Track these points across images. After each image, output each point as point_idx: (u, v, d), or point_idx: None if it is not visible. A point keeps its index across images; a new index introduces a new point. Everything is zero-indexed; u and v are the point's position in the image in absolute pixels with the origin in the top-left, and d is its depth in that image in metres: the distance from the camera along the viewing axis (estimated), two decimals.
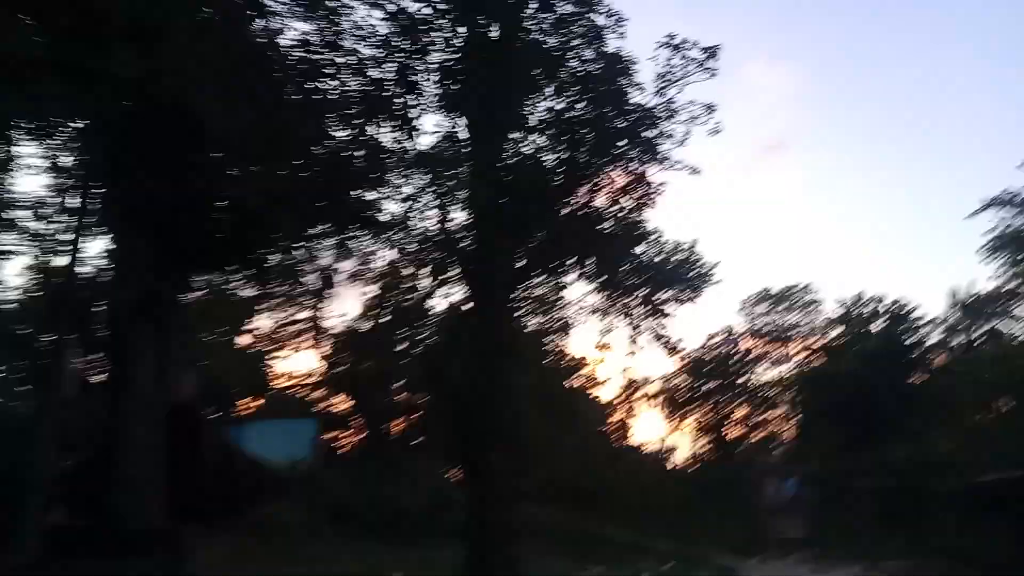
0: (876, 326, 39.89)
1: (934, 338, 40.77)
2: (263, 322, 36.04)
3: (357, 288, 36.07)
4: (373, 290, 36.17)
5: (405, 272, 34.38)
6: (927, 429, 32.86)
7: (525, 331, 24.36)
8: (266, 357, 37.52)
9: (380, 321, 36.48)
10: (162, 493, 8.45)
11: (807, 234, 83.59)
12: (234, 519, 11.04)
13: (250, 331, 35.63)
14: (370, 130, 13.28)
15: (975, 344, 39.85)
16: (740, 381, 49.74)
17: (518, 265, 15.35)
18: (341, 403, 38.85)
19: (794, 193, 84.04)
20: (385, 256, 25.16)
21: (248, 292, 28.65)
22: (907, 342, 38.47)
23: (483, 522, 14.20)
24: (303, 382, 39.01)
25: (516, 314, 17.48)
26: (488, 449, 14.28)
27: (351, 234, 14.71)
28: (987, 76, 77.82)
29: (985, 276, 67.46)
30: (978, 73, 78.41)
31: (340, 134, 12.53)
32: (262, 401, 36.96)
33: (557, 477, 33.67)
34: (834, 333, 44.63)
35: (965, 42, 76.62)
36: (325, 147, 11.59)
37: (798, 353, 49.81)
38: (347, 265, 29.89)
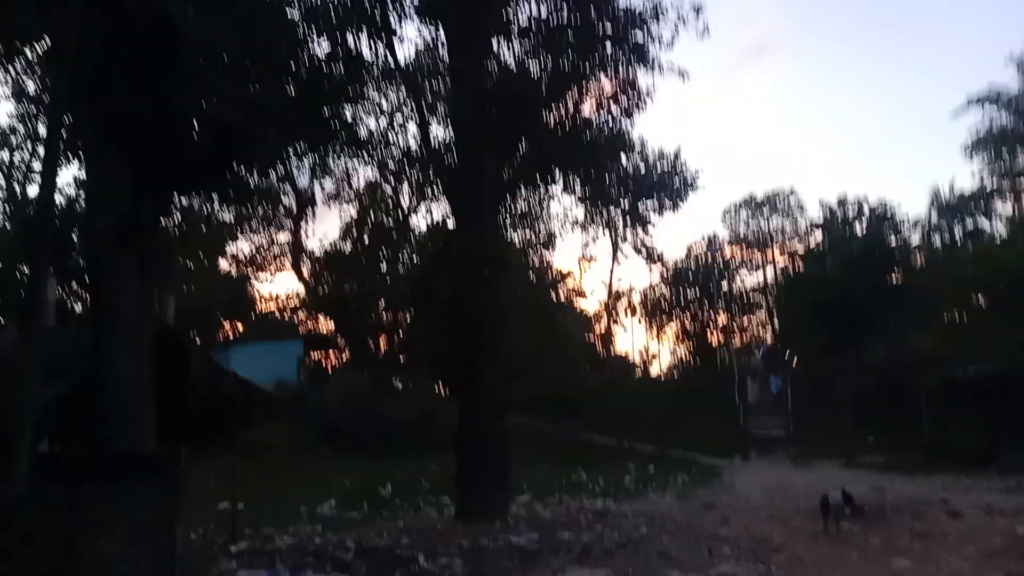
0: (859, 228, 40.08)
1: (916, 238, 41.17)
2: (243, 245, 35.74)
3: (337, 208, 35.78)
4: (353, 210, 35.88)
5: (386, 190, 33.99)
6: (907, 328, 33.46)
7: (510, 245, 24.22)
8: (248, 280, 37.31)
9: (362, 241, 36.20)
10: (151, 418, 8.33)
11: (791, 138, 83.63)
12: (225, 441, 11.04)
13: (231, 255, 35.32)
14: (350, 40, 12.71)
15: (956, 243, 40.26)
16: (722, 288, 50.18)
17: (504, 178, 15.04)
18: (326, 324, 38.95)
19: (778, 96, 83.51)
20: (365, 175, 24.74)
21: (227, 215, 28.29)
22: (889, 243, 38.69)
23: (473, 432, 14.37)
24: (287, 304, 38.97)
25: (501, 228, 17.25)
26: (478, 362, 14.33)
27: (330, 152, 14.24)
28: None
29: (967, 174, 67.80)
30: None
31: (319, 45, 12.01)
32: (246, 324, 36.93)
33: (543, 387, 34.18)
34: (817, 236, 44.87)
35: None
36: (304, 58, 11.06)
37: (781, 257, 50.25)
38: (326, 185, 29.42)
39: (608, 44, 14.71)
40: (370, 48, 13.51)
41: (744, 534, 12.02)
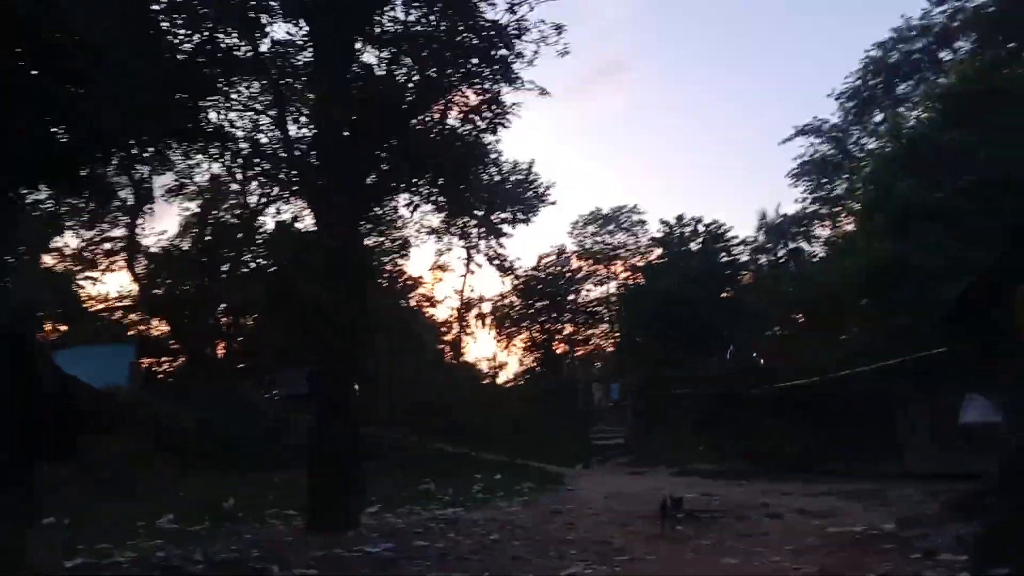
0: (694, 246, 42.45)
1: (745, 256, 44.18)
2: (71, 240, 33.06)
3: (176, 204, 33.78)
4: (195, 206, 34.05)
5: (232, 187, 32.54)
6: (737, 341, 35.90)
7: (368, 250, 23.90)
8: (76, 278, 34.50)
9: (202, 240, 34.41)
10: None
11: (638, 154, 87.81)
12: (68, 450, 10.23)
13: (57, 249, 32.53)
14: (215, 35, 12.14)
15: (780, 262, 43.55)
16: (568, 299, 51.75)
17: (368, 183, 14.88)
18: (160, 326, 36.68)
19: (628, 114, 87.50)
20: (210, 170, 23.57)
21: (49, 207, 25.98)
22: (722, 260, 41.34)
23: (329, 441, 14.07)
24: (118, 304, 36.34)
25: (362, 234, 17.03)
26: (337, 371, 14.07)
27: (190, 147, 13.54)
28: (809, 10, 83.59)
29: (791, 199, 73.60)
30: (801, 5, 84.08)
31: (183, 38, 11.39)
32: (72, 325, 34.10)
33: (395, 396, 33.93)
34: (656, 252, 47.14)
35: None
36: (166, 50, 10.49)
37: (623, 271, 52.43)
38: (166, 178, 27.73)
39: (474, 57, 14.94)
40: (235, 45, 12.99)
41: (589, 538, 12.54)
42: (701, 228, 42.50)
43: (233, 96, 14.37)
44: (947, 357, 18.72)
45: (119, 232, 33.06)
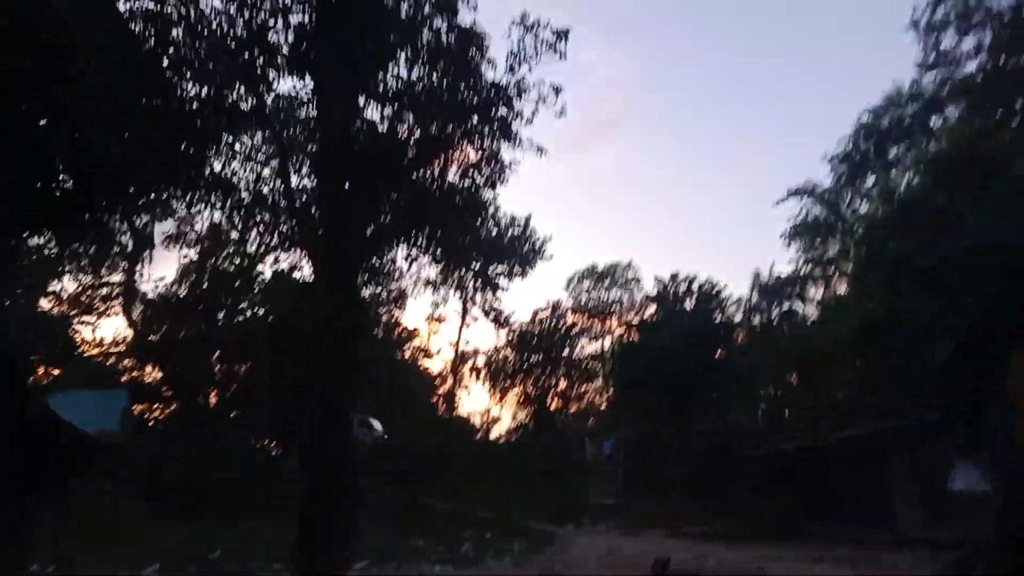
0: (688, 304, 42.55)
1: (739, 316, 44.28)
2: (68, 284, 33.14)
3: (176, 250, 34.01)
4: (194, 253, 34.27)
5: (231, 235, 32.77)
6: (730, 401, 35.82)
7: (364, 301, 24.02)
8: (71, 322, 34.45)
9: (200, 287, 34.51)
10: None
11: (632, 212, 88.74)
12: (56, 491, 10.18)
13: (52, 293, 32.54)
14: (225, 90, 12.47)
15: (773, 323, 43.65)
16: (563, 354, 51.74)
17: (368, 236, 15.08)
18: (153, 373, 36.52)
19: (624, 171, 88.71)
20: (210, 218, 23.81)
21: (49, 250, 26.11)
22: (715, 319, 41.42)
23: (319, 493, 13.97)
24: (112, 350, 36.21)
25: (360, 285, 17.18)
26: (329, 423, 14.04)
27: (195, 196, 13.74)
28: (803, 75, 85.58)
29: (785, 260, 74.16)
30: (795, 70, 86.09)
31: (191, 91, 11.70)
32: (64, 369, 33.92)
33: (384, 449, 33.66)
34: (650, 309, 47.21)
35: (787, 39, 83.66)
36: (175, 104, 10.76)
37: (617, 327, 52.52)
38: (165, 226, 27.93)
39: (474, 115, 15.30)
40: (242, 98, 13.32)
41: None
42: (695, 287, 42.64)
43: (236, 147, 14.67)
44: (935, 421, 18.77)
45: (117, 277, 33.17)
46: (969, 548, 10.19)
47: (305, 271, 25.62)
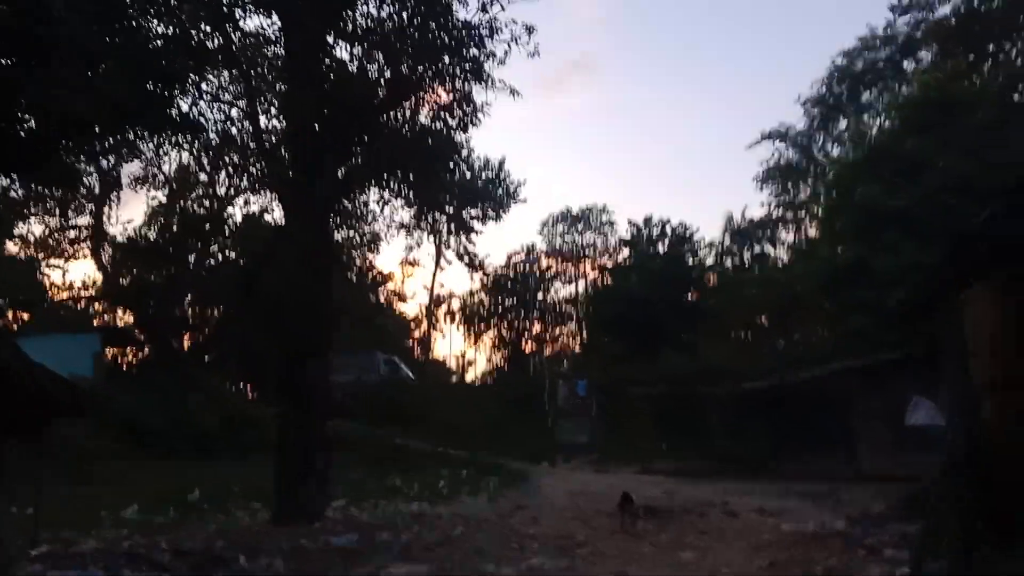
0: (662, 247, 42.89)
1: (711, 259, 44.73)
2: (35, 227, 32.58)
3: (144, 193, 33.46)
4: (161, 196, 33.76)
5: (201, 177, 32.29)
6: (701, 342, 36.40)
7: (337, 244, 23.92)
8: (38, 265, 33.98)
9: (170, 230, 34.08)
10: None
11: (607, 154, 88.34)
12: (35, 433, 10.24)
13: (19, 236, 32.00)
14: (191, 28, 12.16)
15: (745, 266, 44.14)
16: (537, 298, 52.01)
17: (339, 178, 14.96)
18: (125, 317, 36.31)
19: (598, 113, 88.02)
20: (179, 159, 23.39)
21: (15, 192, 25.61)
22: (688, 262, 41.84)
23: (296, 434, 14.15)
24: (82, 294, 35.86)
25: (332, 228, 17.10)
26: (305, 363, 14.14)
27: (164, 138, 13.50)
28: (780, 16, 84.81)
29: (758, 204, 74.46)
30: (772, 11, 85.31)
31: (157, 29, 11.41)
32: (35, 313, 33.60)
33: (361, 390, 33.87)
34: (624, 253, 47.53)
35: None
36: (137, 41, 10.47)
37: (591, 271, 52.80)
38: (133, 167, 27.45)
39: (446, 56, 15.07)
40: (207, 36, 13.01)
41: (551, 532, 12.80)
42: (668, 230, 42.92)
43: (203, 87, 14.39)
44: (897, 361, 19.28)
45: (84, 220, 32.67)
46: (923, 480, 10.64)
47: (276, 214, 25.43)
